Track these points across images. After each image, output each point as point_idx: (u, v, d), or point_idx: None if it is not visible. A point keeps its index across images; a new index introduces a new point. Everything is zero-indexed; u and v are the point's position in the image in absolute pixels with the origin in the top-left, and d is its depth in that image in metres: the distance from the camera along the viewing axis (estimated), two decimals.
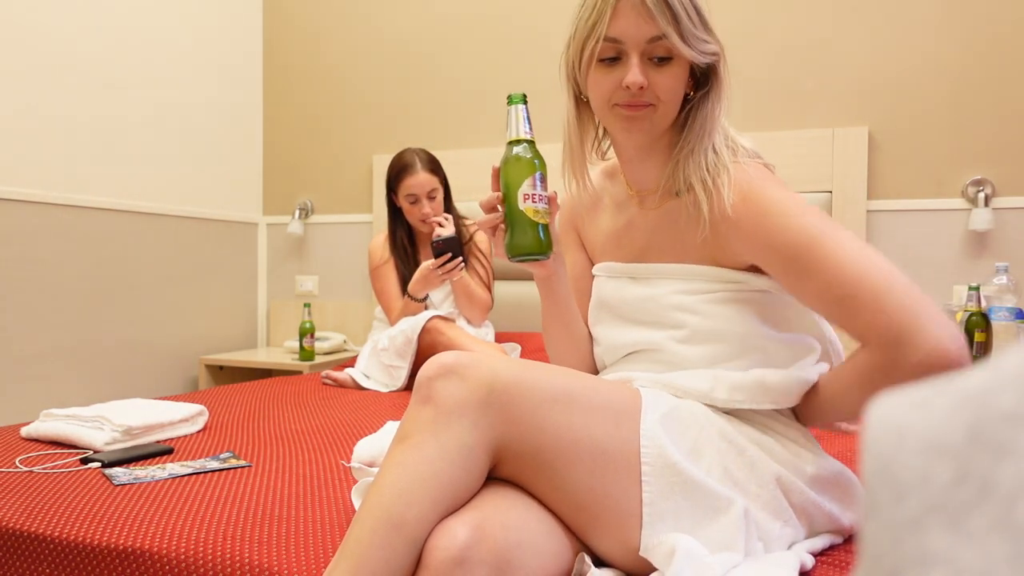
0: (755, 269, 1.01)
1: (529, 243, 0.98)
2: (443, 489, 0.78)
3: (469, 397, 0.82)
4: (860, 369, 0.92)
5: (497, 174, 1.02)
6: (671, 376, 1.00)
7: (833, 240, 0.91)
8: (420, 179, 2.41)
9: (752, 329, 1.00)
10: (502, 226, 1.02)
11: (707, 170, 1.00)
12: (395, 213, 2.55)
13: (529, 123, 1.00)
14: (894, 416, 0.29)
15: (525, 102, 1.00)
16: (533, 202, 0.97)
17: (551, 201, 1.01)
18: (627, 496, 0.84)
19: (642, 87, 0.97)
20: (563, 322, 1.17)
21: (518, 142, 0.99)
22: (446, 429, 0.80)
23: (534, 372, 0.87)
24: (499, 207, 1.02)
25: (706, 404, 0.97)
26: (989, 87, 2.37)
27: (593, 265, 1.21)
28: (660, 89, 0.99)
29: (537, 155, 1.00)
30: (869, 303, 0.87)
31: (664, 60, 0.98)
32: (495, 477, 0.86)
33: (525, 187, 0.97)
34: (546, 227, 0.99)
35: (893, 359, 0.86)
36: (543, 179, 0.98)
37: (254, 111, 3.33)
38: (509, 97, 1.01)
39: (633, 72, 0.97)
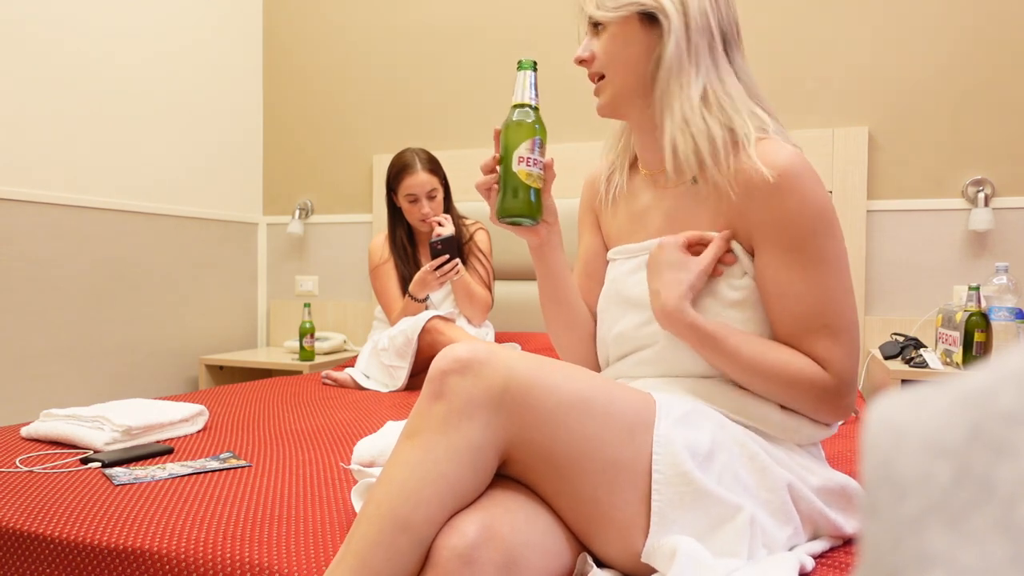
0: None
1: (519, 206, 0.98)
2: (451, 490, 0.77)
3: (483, 396, 0.80)
4: (795, 365, 0.95)
5: (498, 136, 1.01)
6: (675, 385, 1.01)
7: (843, 272, 0.96)
8: (420, 179, 2.42)
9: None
10: (496, 187, 1.01)
11: (702, 138, 0.99)
12: (395, 213, 2.55)
13: (535, 89, 1.00)
14: (894, 416, 0.29)
15: (534, 69, 1.01)
16: (527, 165, 0.97)
17: (547, 168, 1.00)
18: (633, 509, 0.83)
19: (583, 60, 1.05)
20: (557, 297, 1.14)
21: (521, 106, 0.99)
22: (456, 429, 0.79)
23: (551, 373, 0.84)
24: (497, 169, 1.01)
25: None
26: (989, 87, 2.37)
27: (607, 251, 1.19)
28: (600, 56, 1.04)
29: (538, 121, 0.99)
30: (848, 343, 0.96)
31: (599, 26, 1.05)
32: (502, 474, 0.85)
33: (522, 150, 0.97)
34: (539, 192, 0.99)
35: (827, 385, 0.94)
36: (541, 145, 0.98)
37: (254, 111, 3.33)
38: (519, 62, 1.01)
39: (580, 48, 1.05)
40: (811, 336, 0.95)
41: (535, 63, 1.01)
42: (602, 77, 1.06)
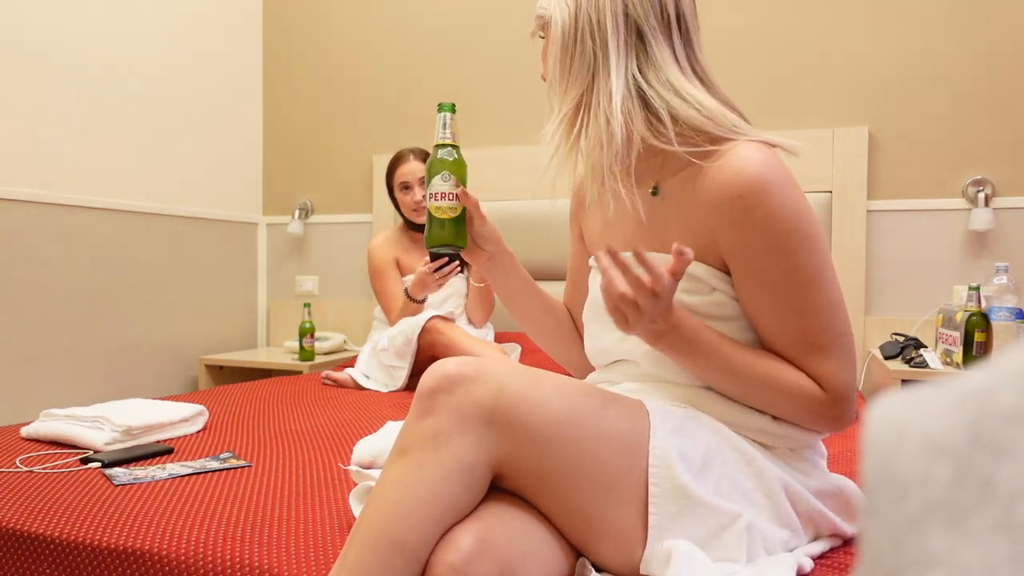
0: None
1: (435, 236, 1.06)
2: (445, 509, 0.76)
3: (473, 413, 0.79)
4: (790, 379, 0.91)
5: None
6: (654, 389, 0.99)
7: (823, 284, 0.91)
8: (411, 167, 2.48)
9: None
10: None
11: (597, 128, 0.96)
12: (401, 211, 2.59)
13: (445, 128, 1.08)
14: (894, 416, 0.29)
15: (450, 110, 1.08)
16: (435, 200, 1.05)
17: (458, 197, 1.05)
18: (629, 522, 0.82)
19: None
20: (522, 315, 1.18)
21: (437, 145, 1.08)
22: (447, 447, 0.78)
23: (542, 387, 0.83)
24: None
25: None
26: (989, 87, 2.37)
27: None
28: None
29: (446, 157, 1.07)
30: (840, 355, 0.91)
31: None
32: (496, 486, 0.84)
33: (430, 186, 1.06)
34: (453, 221, 1.06)
35: (822, 401, 0.91)
36: (446, 178, 1.06)
37: (254, 111, 3.33)
38: (439, 105, 1.09)
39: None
40: (800, 355, 0.91)
41: (453, 105, 1.09)
42: None
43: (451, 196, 1.05)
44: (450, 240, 1.06)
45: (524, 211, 2.76)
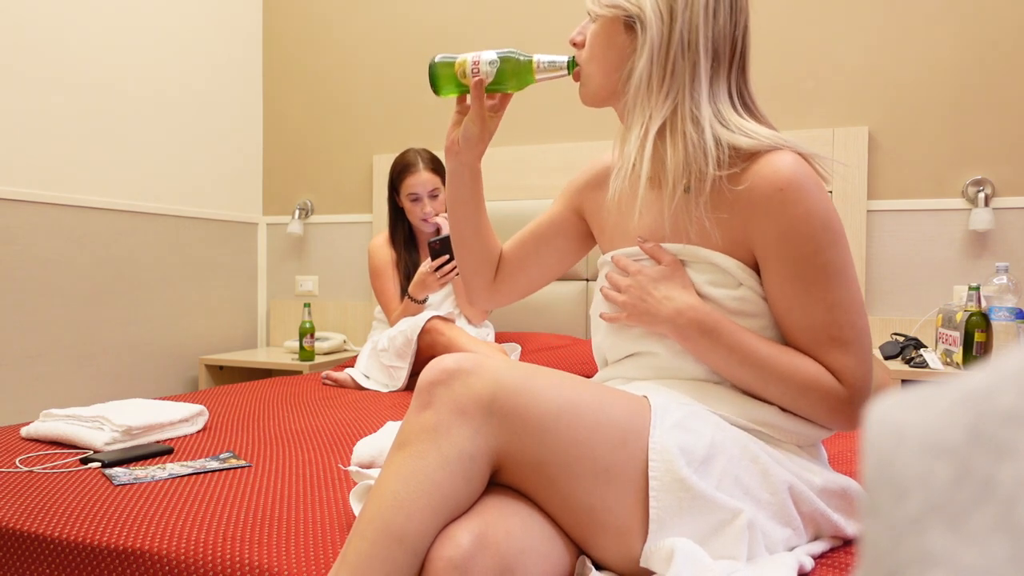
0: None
1: (436, 66, 1.12)
2: (444, 500, 0.76)
3: (471, 405, 0.79)
4: (810, 372, 0.94)
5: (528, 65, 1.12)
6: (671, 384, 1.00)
7: (850, 281, 0.94)
8: (422, 178, 2.44)
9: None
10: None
11: (659, 161, 0.99)
12: (397, 213, 2.56)
13: (552, 62, 1.08)
14: (894, 416, 0.29)
15: (568, 60, 1.08)
16: (471, 57, 1.09)
17: (473, 84, 1.09)
18: (629, 515, 0.82)
19: (575, 43, 1.07)
20: (455, 219, 1.21)
21: (535, 55, 1.10)
22: (447, 438, 0.78)
23: (540, 381, 0.84)
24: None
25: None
26: (989, 87, 2.37)
27: (571, 231, 1.23)
28: (586, 47, 1.05)
29: (517, 58, 1.08)
30: (860, 352, 0.94)
31: (595, 19, 1.05)
32: (496, 482, 0.85)
33: (483, 56, 1.09)
34: (455, 80, 1.10)
35: (840, 396, 0.93)
36: (492, 65, 1.09)
37: (254, 111, 3.33)
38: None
39: (576, 30, 1.07)
40: (822, 349, 0.94)
41: (570, 61, 1.07)
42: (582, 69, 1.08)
43: (475, 72, 1.08)
44: (437, 83, 1.12)
45: (528, 210, 2.75)
